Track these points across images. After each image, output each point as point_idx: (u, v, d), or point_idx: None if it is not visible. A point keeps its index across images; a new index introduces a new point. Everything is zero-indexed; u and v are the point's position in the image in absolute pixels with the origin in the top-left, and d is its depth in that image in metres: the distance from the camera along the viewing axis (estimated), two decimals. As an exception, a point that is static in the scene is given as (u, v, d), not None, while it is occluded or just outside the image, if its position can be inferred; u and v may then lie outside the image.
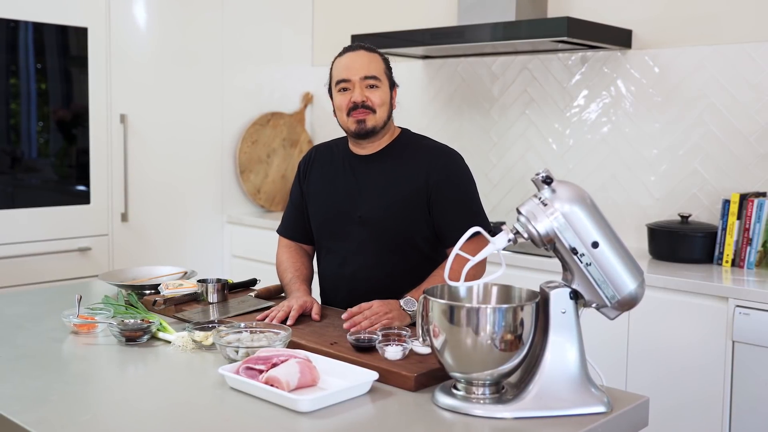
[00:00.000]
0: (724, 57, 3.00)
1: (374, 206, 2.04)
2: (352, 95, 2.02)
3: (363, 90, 2.02)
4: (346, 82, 2.03)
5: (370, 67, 2.03)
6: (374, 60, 2.05)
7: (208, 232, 4.05)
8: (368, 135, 2.05)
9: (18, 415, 1.39)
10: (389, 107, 2.07)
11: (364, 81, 2.02)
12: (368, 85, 2.02)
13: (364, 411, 1.45)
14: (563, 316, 1.46)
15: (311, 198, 2.17)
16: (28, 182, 3.45)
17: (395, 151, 2.09)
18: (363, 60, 2.03)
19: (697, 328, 2.58)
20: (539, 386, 1.44)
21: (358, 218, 2.03)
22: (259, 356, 1.56)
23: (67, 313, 1.93)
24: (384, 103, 2.04)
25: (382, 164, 2.08)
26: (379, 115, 2.03)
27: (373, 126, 2.04)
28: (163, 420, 1.41)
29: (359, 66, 2.02)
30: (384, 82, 2.05)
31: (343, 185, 2.10)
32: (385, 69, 2.07)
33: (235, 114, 4.09)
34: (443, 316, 1.44)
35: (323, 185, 2.15)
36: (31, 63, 3.35)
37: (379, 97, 2.03)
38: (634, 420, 1.49)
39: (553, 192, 1.46)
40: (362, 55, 2.04)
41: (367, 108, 2.02)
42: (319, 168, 2.19)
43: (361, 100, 2.01)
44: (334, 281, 2.13)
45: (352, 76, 2.02)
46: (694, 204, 3.09)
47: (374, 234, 2.01)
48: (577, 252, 1.44)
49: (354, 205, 2.06)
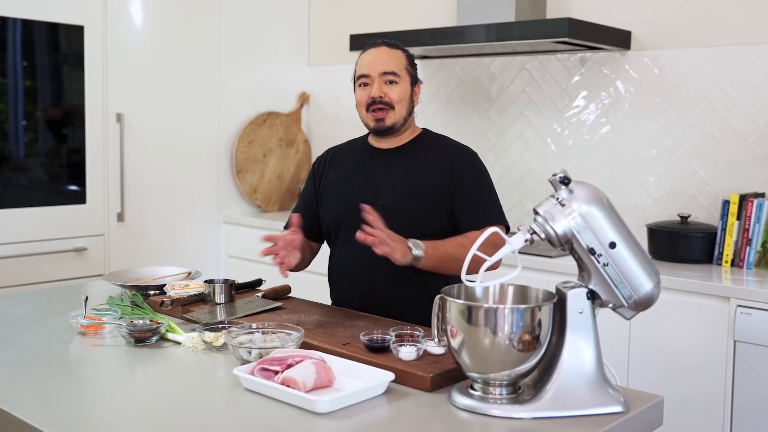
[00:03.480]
0: (723, 58, 3.02)
1: (398, 194, 2.06)
2: (371, 90, 2.04)
3: (381, 85, 2.04)
4: (366, 78, 2.06)
5: (390, 62, 2.05)
6: (395, 56, 2.07)
7: (204, 232, 4.03)
8: (387, 132, 2.08)
9: (33, 417, 1.37)
10: (409, 103, 2.09)
11: (382, 77, 2.04)
12: (387, 80, 2.04)
13: (382, 412, 1.45)
14: (580, 317, 1.46)
15: (328, 194, 2.17)
16: (17, 182, 3.40)
17: (418, 148, 2.11)
18: (383, 56, 2.06)
19: (699, 328, 2.59)
20: (557, 386, 1.44)
21: (381, 206, 2.03)
22: (273, 357, 1.55)
23: (74, 314, 1.91)
24: (402, 99, 2.05)
25: (405, 158, 2.10)
26: (398, 112, 2.05)
27: (392, 123, 2.06)
28: (181, 421, 1.40)
29: (379, 62, 2.05)
30: (404, 78, 2.06)
31: (365, 176, 2.12)
32: (406, 65, 2.08)
33: (231, 113, 4.08)
34: (461, 317, 1.44)
35: (342, 179, 2.16)
36: (19, 61, 3.31)
37: (397, 92, 2.04)
38: (650, 420, 1.50)
39: (570, 192, 1.46)
40: (383, 51, 2.07)
41: (385, 104, 2.04)
42: (337, 166, 2.19)
43: (379, 95, 2.03)
44: (353, 271, 2.11)
45: (371, 71, 2.05)
46: (693, 205, 3.11)
47: (397, 221, 1.99)
48: (594, 252, 1.44)
49: (376, 194, 2.07)
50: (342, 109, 4.26)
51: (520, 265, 1.50)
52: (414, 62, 2.12)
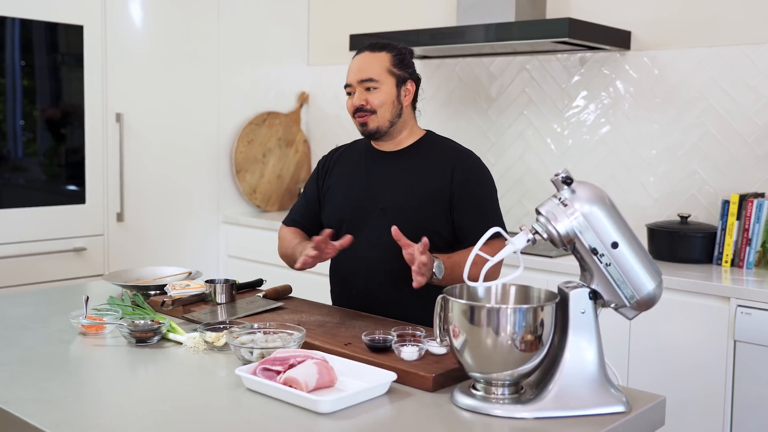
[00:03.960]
0: (723, 59, 3.02)
1: (398, 198, 2.05)
2: (353, 99, 2.06)
3: (361, 93, 2.04)
4: (349, 87, 2.08)
5: (369, 69, 2.04)
6: (376, 60, 2.05)
7: (203, 232, 4.03)
8: (372, 136, 2.08)
9: (35, 417, 1.37)
10: (394, 105, 2.05)
11: (361, 84, 2.04)
12: (365, 87, 2.04)
13: (384, 412, 1.45)
14: (582, 317, 1.47)
15: (330, 195, 2.17)
16: (15, 182, 3.40)
17: (421, 151, 2.10)
18: (363, 62, 2.06)
19: (699, 328, 2.60)
20: (559, 386, 1.44)
21: (380, 209, 2.03)
22: (275, 357, 1.55)
23: (75, 314, 1.91)
24: (384, 102, 2.04)
25: (407, 161, 2.09)
26: (380, 115, 2.04)
27: (376, 127, 2.05)
28: (183, 421, 1.40)
29: (357, 69, 2.06)
30: (385, 81, 2.04)
31: (366, 178, 2.11)
32: (389, 67, 2.05)
33: (231, 113, 4.07)
34: (463, 317, 1.44)
35: (344, 180, 2.16)
36: (17, 60, 3.30)
37: (377, 98, 2.03)
38: (653, 419, 1.50)
39: (572, 192, 1.46)
40: (364, 58, 2.06)
41: (366, 111, 2.04)
42: (341, 166, 2.19)
43: (360, 104, 2.04)
44: (352, 273, 2.11)
45: (351, 80, 2.07)
46: (693, 205, 3.11)
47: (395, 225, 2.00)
48: (597, 252, 1.44)
49: (376, 197, 2.07)
50: (341, 109, 4.26)
51: (522, 265, 1.50)
52: (405, 60, 2.08)
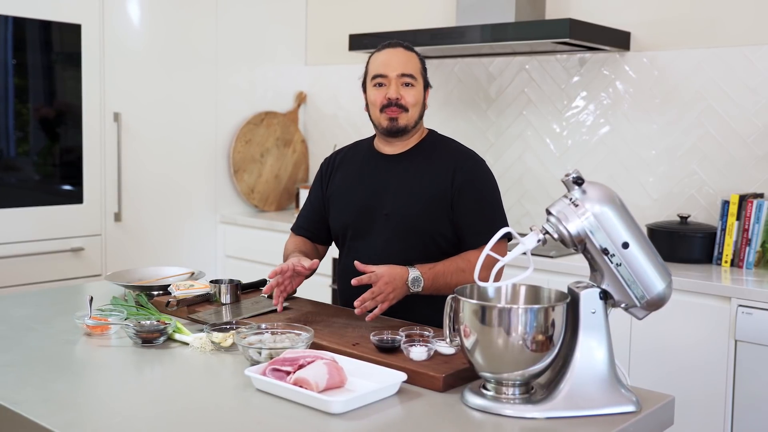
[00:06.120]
0: (722, 59, 3.03)
1: (401, 203, 2.04)
2: (388, 91, 2.02)
3: (399, 87, 2.02)
4: (383, 78, 2.03)
5: (408, 65, 2.03)
6: (412, 59, 2.05)
7: (201, 232, 4.02)
8: (399, 133, 2.06)
9: (46, 418, 1.36)
10: (422, 107, 2.07)
11: (400, 78, 2.02)
12: (404, 83, 2.02)
13: (395, 412, 1.44)
14: (593, 317, 1.47)
15: (334, 199, 2.16)
16: (8, 181, 3.37)
17: (423, 151, 2.09)
18: (401, 57, 2.04)
19: (700, 328, 2.61)
20: (570, 386, 1.44)
21: (384, 215, 2.03)
22: (285, 357, 1.54)
23: (79, 315, 1.90)
24: (417, 102, 2.04)
25: (409, 163, 2.08)
26: (411, 115, 2.04)
27: (405, 125, 2.04)
28: (195, 422, 1.39)
29: (397, 63, 2.03)
30: (419, 82, 2.05)
31: (370, 183, 2.10)
32: (421, 69, 2.07)
33: (228, 113, 4.06)
34: (474, 317, 1.44)
35: (348, 185, 2.14)
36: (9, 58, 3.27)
37: (413, 96, 2.03)
38: (662, 419, 1.51)
39: (583, 193, 1.47)
40: (401, 53, 2.05)
41: (400, 106, 2.02)
42: (343, 170, 2.18)
43: (396, 97, 2.01)
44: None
45: (389, 72, 2.02)
46: (692, 205, 3.12)
47: (399, 230, 2.01)
48: (608, 252, 1.45)
49: (380, 202, 2.06)
50: (339, 109, 4.26)
51: (531, 265, 1.50)
52: (426, 67, 2.11)
